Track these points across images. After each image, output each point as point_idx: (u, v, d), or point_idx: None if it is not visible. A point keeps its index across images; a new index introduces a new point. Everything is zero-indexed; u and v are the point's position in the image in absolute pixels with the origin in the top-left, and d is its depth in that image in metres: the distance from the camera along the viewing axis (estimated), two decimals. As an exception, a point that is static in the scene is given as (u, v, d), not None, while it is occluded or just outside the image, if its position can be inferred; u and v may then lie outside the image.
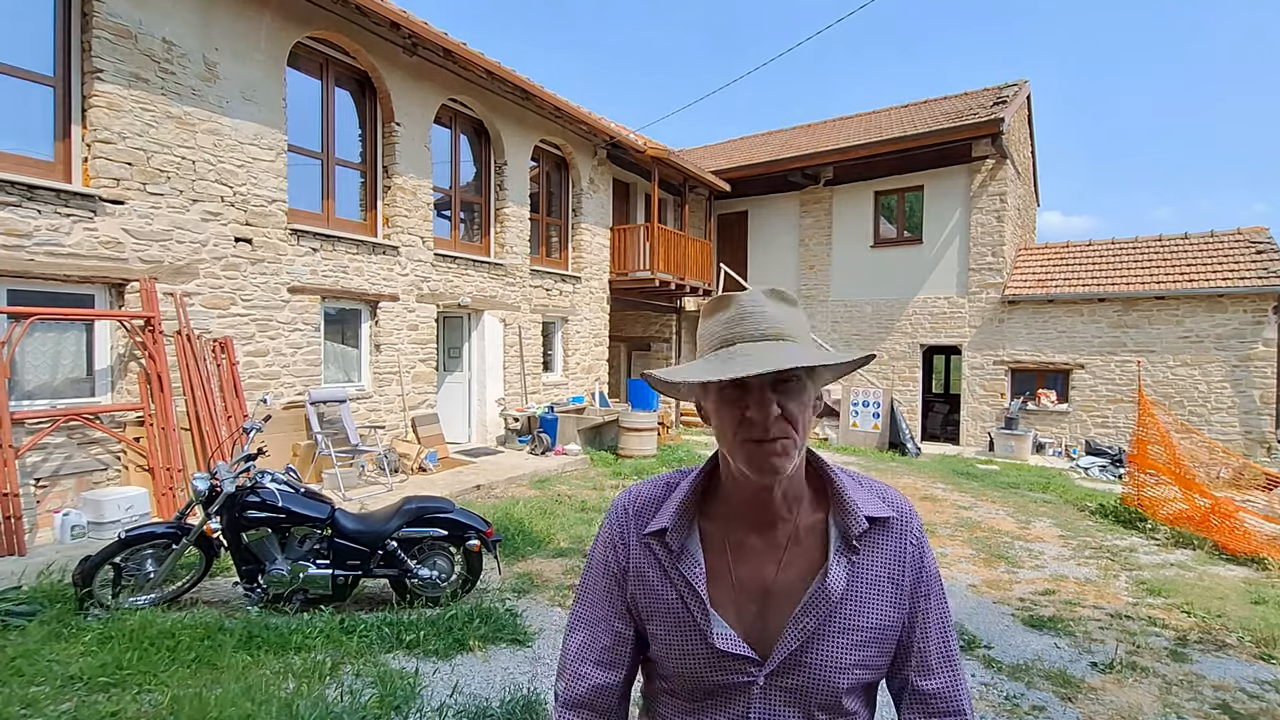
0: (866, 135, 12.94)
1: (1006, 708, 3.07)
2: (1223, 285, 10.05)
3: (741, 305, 0.84)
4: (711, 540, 0.90)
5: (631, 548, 0.93)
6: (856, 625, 0.85)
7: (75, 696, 2.69)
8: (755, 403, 0.78)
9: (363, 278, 7.44)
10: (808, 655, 0.83)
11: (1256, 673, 3.49)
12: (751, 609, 0.86)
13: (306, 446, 6.54)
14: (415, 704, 2.82)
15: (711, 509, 0.92)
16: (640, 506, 0.95)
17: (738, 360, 0.77)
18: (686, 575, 0.87)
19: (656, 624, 0.90)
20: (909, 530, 0.92)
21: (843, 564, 0.86)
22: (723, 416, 0.81)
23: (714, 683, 0.85)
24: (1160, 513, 6.59)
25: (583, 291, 11.17)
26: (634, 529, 0.94)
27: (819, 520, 0.89)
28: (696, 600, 0.86)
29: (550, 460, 8.28)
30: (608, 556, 0.96)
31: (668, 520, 0.90)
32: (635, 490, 0.99)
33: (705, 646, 0.85)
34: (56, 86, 5.16)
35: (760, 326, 0.81)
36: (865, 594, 0.87)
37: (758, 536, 0.88)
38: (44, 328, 5.09)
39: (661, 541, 0.90)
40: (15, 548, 4.37)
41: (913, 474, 8.90)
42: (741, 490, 0.87)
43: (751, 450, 0.79)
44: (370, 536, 3.77)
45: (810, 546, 0.88)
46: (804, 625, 0.83)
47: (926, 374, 13.84)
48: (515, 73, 8.63)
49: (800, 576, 0.86)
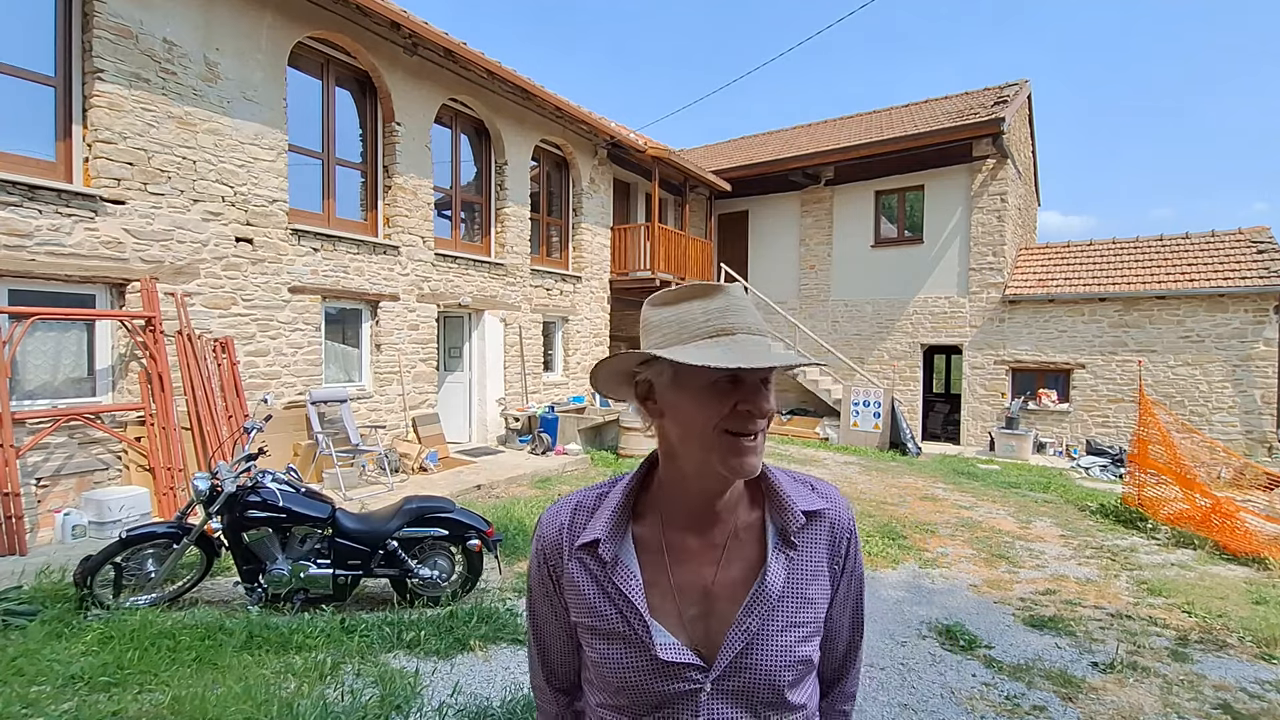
0: (867, 135, 12.94)
1: (1007, 708, 3.06)
2: (1224, 285, 10.04)
3: (733, 296, 0.82)
4: (647, 546, 0.87)
5: (565, 561, 0.89)
6: (797, 621, 0.85)
7: (76, 696, 2.69)
8: (751, 395, 0.77)
9: (363, 277, 7.44)
10: (752, 656, 0.82)
11: (1257, 673, 3.48)
12: (692, 612, 0.84)
13: (307, 446, 6.54)
14: (416, 704, 2.82)
15: (646, 513, 0.89)
16: (570, 518, 0.92)
17: (752, 351, 0.75)
18: (622, 588, 0.84)
19: (595, 639, 0.86)
20: (840, 520, 0.92)
21: (781, 561, 0.86)
22: (706, 408, 0.78)
23: (660, 694, 0.82)
24: (1161, 513, 6.58)
25: (583, 291, 11.17)
26: (566, 541, 0.90)
27: (756, 519, 0.89)
28: (634, 613, 0.83)
29: (551, 460, 8.28)
30: (542, 573, 0.92)
31: (600, 531, 0.86)
32: (565, 501, 0.95)
33: (648, 659, 0.82)
34: (57, 86, 5.16)
35: (752, 320, 0.81)
36: (803, 588, 0.87)
37: (695, 538, 0.86)
38: (45, 327, 5.09)
39: (594, 554, 0.86)
40: (16, 547, 4.38)
41: (913, 474, 8.90)
42: (688, 491, 0.85)
43: (731, 445, 0.78)
44: (371, 536, 3.77)
45: (748, 545, 0.87)
46: (747, 626, 0.82)
47: (927, 374, 13.83)
48: (516, 72, 8.63)
49: (740, 576, 0.85)
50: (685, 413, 0.80)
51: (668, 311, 0.82)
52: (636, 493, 0.91)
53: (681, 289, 0.83)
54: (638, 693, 0.83)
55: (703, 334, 0.79)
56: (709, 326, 0.79)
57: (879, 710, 3.02)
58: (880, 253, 13.17)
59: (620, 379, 0.88)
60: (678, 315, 0.81)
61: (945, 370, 16.82)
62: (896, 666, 3.45)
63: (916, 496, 7.47)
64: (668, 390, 0.81)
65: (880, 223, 13.31)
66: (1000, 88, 13.20)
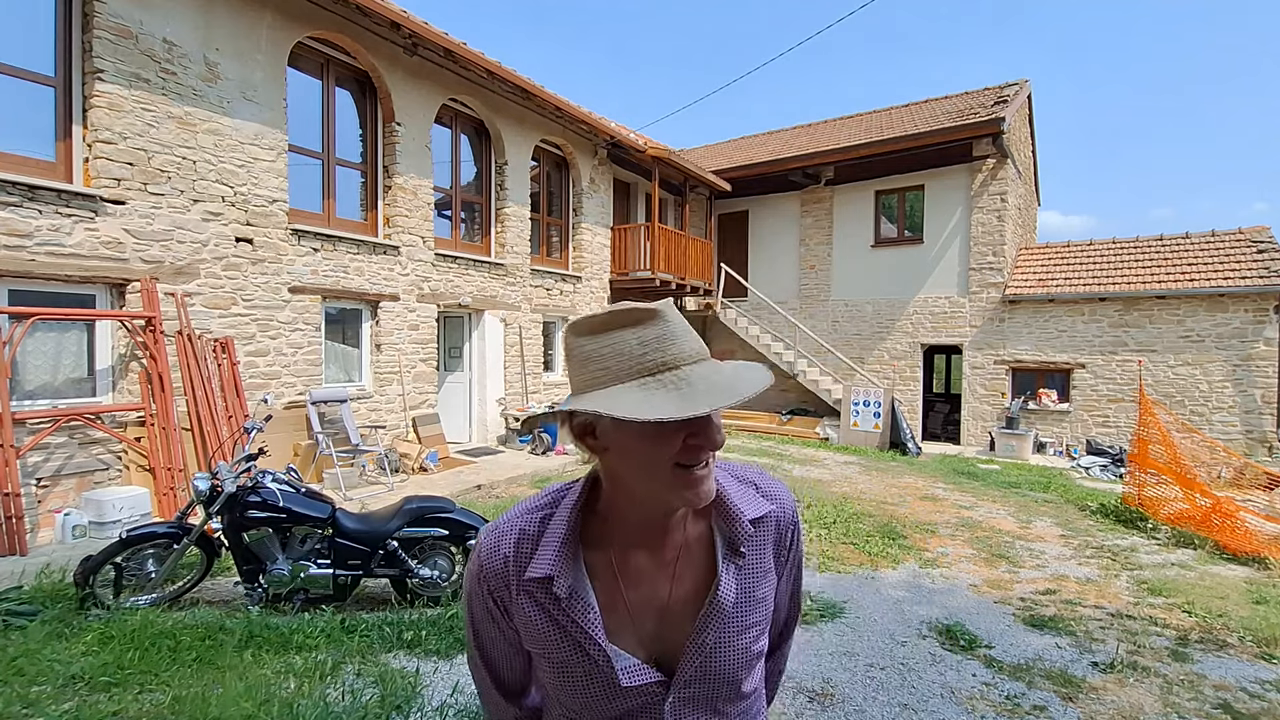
0: (867, 135, 12.93)
1: (1007, 707, 3.06)
2: (1224, 285, 10.04)
3: (669, 320, 0.75)
4: (598, 570, 0.84)
5: (513, 594, 0.84)
6: (749, 623, 0.86)
7: (76, 696, 2.70)
8: (701, 430, 0.74)
9: (363, 277, 7.44)
10: (710, 665, 0.83)
11: (1258, 672, 3.48)
12: (648, 628, 0.84)
13: (307, 446, 6.54)
14: (416, 703, 2.82)
15: (594, 536, 0.85)
16: (515, 547, 0.85)
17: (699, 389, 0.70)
18: (580, 621, 0.81)
19: (553, 670, 0.84)
20: (784, 516, 0.92)
21: (731, 572, 0.85)
22: (655, 446, 0.73)
23: (624, 709, 0.83)
24: (1161, 512, 6.58)
25: (583, 291, 11.17)
26: (513, 574, 0.84)
27: (704, 529, 0.87)
28: (595, 645, 0.81)
29: (551, 460, 8.28)
30: (487, 602, 0.87)
31: (550, 566, 0.80)
32: (504, 527, 0.87)
33: (610, 686, 0.81)
34: (57, 87, 5.17)
35: (692, 345, 0.75)
36: (753, 591, 0.87)
37: (646, 556, 0.84)
38: (45, 328, 5.09)
39: (546, 590, 0.82)
40: (17, 547, 4.38)
41: (914, 474, 8.90)
42: (640, 515, 0.83)
43: (684, 478, 0.75)
44: (371, 536, 3.77)
45: (698, 557, 0.86)
46: (703, 641, 0.82)
47: (927, 374, 13.83)
48: (516, 72, 8.63)
49: (693, 589, 0.85)
50: (631, 450, 0.76)
51: (597, 342, 0.75)
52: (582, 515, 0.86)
53: (609, 314, 0.75)
54: (601, 711, 0.83)
55: (643, 370, 0.73)
56: (648, 361, 0.73)
57: (879, 710, 3.02)
58: (880, 253, 13.17)
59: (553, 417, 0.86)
60: (612, 348, 0.74)
61: (945, 370, 16.81)
62: (896, 666, 3.45)
63: (916, 496, 7.47)
64: (611, 430, 0.76)
65: (880, 223, 13.30)
66: (1000, 88, 13.20)
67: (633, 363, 0.73)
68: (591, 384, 0.75)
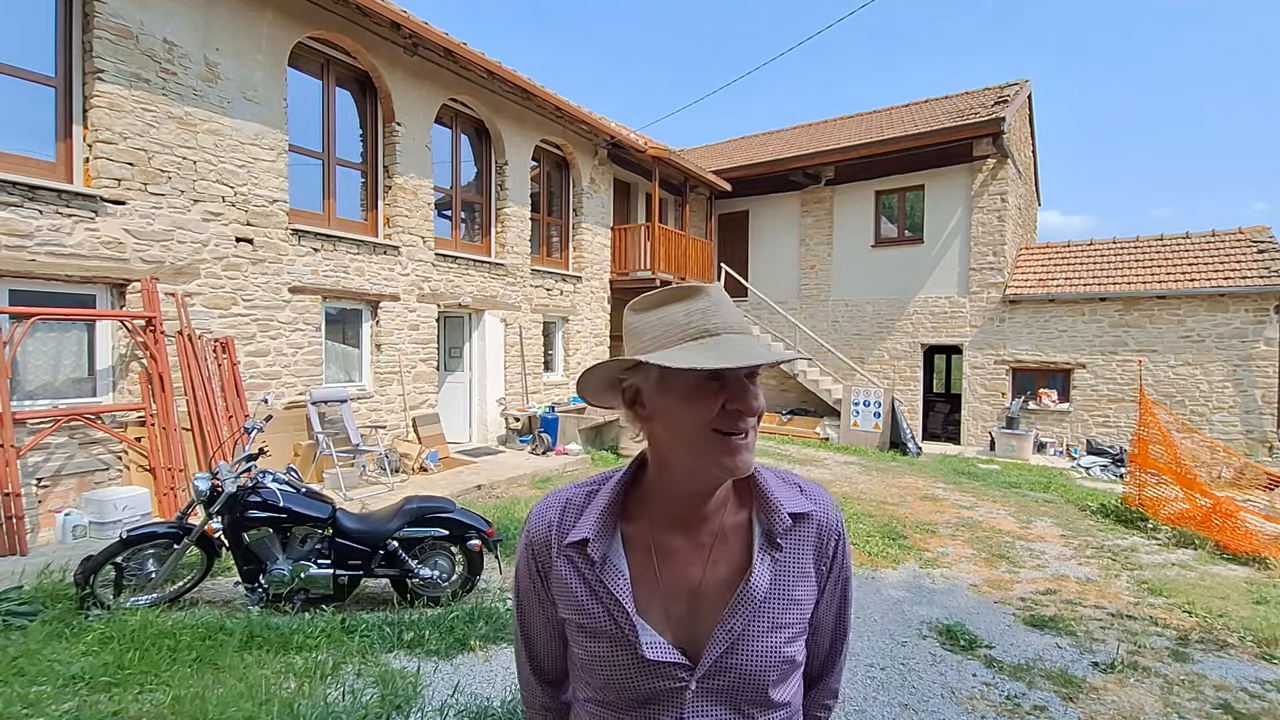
0: (867, 135, 12.94)
1: (1008, 707, 3.06)
2: (1224, 285, 10.03)
3: (713, 296, 0.82)
4: (635, 544, 0.88)
5: (553, 558, 0.90)
6: (782, 622, 0.86)
7: (77, 696, 2.70)
8: (738, 395, 0.78)
9: (364, 278, 7.44)
10: (736, 656, 0.83)
11: (1258, 673, 3.48)
12: (679, 610, 0.85)
13: (308, 446, 6.54)
14: (416, 704, 2.82)
15: (635, 512, 0.89)
16: (560, 514, 0.92)
17: (737, 348, 0.76)
18: (610, 587, 0.85)
19: (582, 636, 0.87)
20: (828, 523, 0.93)
21: (766, 562, 0.86)
22: (694, 409, 0.78)
23: (645, 691, 0.84)
24: (1161, 512, 6.58)
25: (583, 291, 11.17)
26: (555, 539, 0.90)
27: (743, 519, 0.89)
28: (622, 613, 0.84)
29: (551, 460, 8.28)
30: (530, 568, 0.93)
31: (588, 530, 0.86)
32: (555, 497, 0.95)
33: (634, 657, 0.83)
34: (58, 87, 5.17)
35: (735, 318, 0.81)
36: (789, 590, 0.88)
37: (683, 537, 0.87)
38: (45, 328, 5.09)
39: (582, 553, 0.87)
40: (17, 547, 4.38)
41: (914, 474, 8.90)
42: (677, 492, 0.86)
43: (723, 444, 0.78)
44: (371, 536, 3.77)
45: (735, 545, 0.88)
46: (731, 627, 0.83)
47: (927, 374, 13.83)
48: (516, 72, 8.63)
49: (726, 576, 0.86)
50: (674, 415, 0.80)
51: (650, 316, 0.82)
52: (626, 491, 0.91)
53: (662, 292, 0.83)
54: (624, 689, 0.84)
55: (686, 336, 0.79)
56: (692, 328, 0.79)
57: (879, 710, 3.02)
58: (880, 253, 13.17)
59: (606, 386, 0.88)
60: (661, 319, 0.81)
61: (945, 370, 16.81)
62: (897, 666, 3.45)
63: (917, 496, 7.47)
64: (655, 394, 0.82)
65: (880, 223, 13.31)
66: (1000, 88, 13.20)
67: (678, 330, 0.79)
68: (639, 352, 0.81)
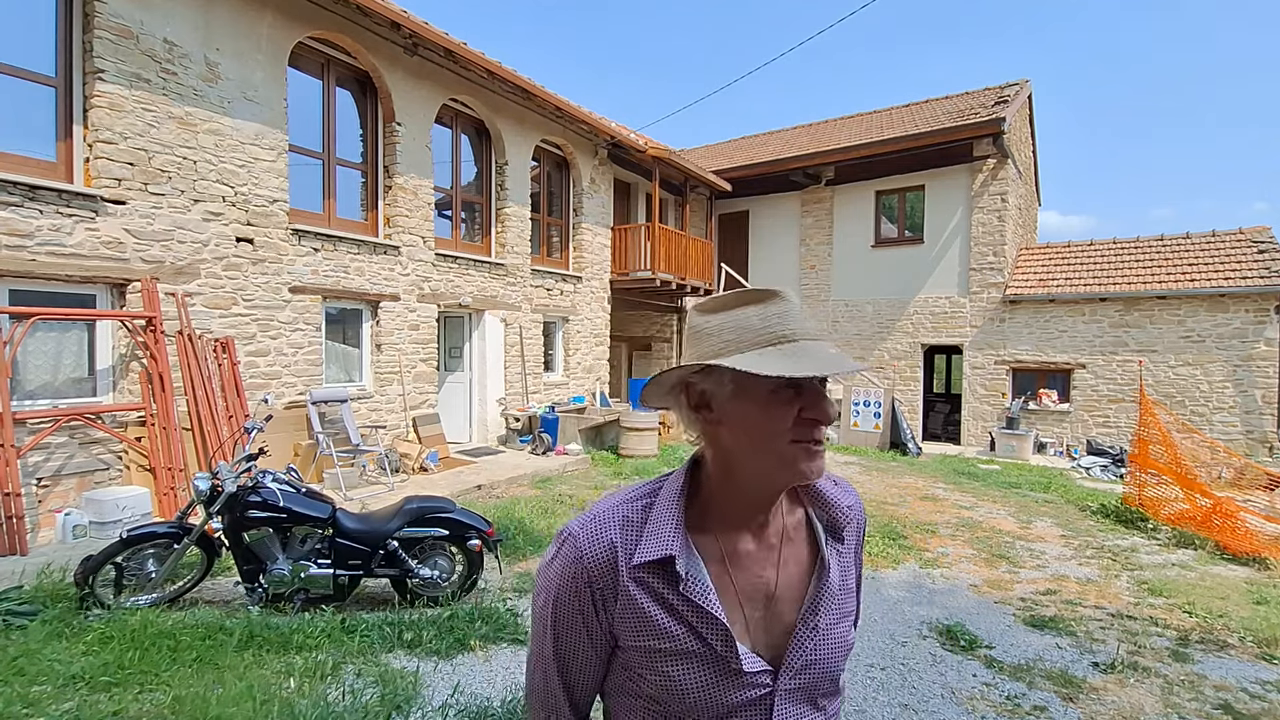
0: (868, 135, 12.93)
1: (1008, 708, 3.06)
2: (1224, 285, 10.03)
3: (790, 301, 0.79)
4: (708, 555, 0.84)
5: (621, 582, 0.82)
6: (845, 610, 0.89)
7: (77, 696, 2.70)
8: (813, 403, 0.77)
9: (364, 278, 7.44)
10: (820, 651, 0.84)
11: (1258, 673, 3.48)
12: (756, 615, 0.83)
13: (308, 446, 6.54)
14: (416, 703, 2.82)
15: (698, 521, 0.85)
16: (621, 533, 0.84)
17: (818, 356, 0.74)
18: (700, 603, 0.79)
19: (658, 661, 0.81)
20: (860, 514, 0.96)
21: (835, 556, 0.88)
22: (772, 417, 0.76)
23: (732, 705, 0.80)
24: (1162, 513, 6.58)
25: (584, 291, 11.17)
26: (622, 560, 0.82)
27: (800, 517, 0.90)
28: (716, 628, 0.79)
29: (551, 460, 8.28)
30: (582, 597, 0.83)
31: (669, 546, 0.80)
32: (605, 515, 0.86)
33: (727, 673, 0.79)
34: (58, 87, 5.17)
35: (812, 323, 0.79)
36: (846, 580, 0.90)
37: (752, 541, 0.85)
38: (46, 328, 5.10)
39: (658, 572, 0.81)
40: (17, 547, 4.38)
41: (914, 474, 8.89)
42: (745, 496, 0.83)
43: (801, 452, 0.77)
44: (371, 536, 3.77)
45: (800, 544, 0.88)
46: (815, 625, 0.84)
47: (928, 374, 13.82)
48: (516, 72, 8.63)
49: (797, 575, 0.86)
50: (752, 422, 0.78)
51: (722, 318, 0.79)
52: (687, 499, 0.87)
53: (733, 294, 0.80)
54: (709, 708, 0.80)
55: (764, 341, 0.76)
56: (769, 333, 0.76)
57: (879, 710, 3.02)
58: (880, 253, 13.17)
59: (670, 389, 0.85)
60: (735, 321, 0.78)
61: (945, 370, 16.81)
62: (897, 666, 3.45)
63: (917, 496, 7.47)
64: (729, 400, 0.79)
65: (880, 223, 13.30)
66: (1000, 88, 13.19)
67: (754, 334, 0.77)
68: (709, 356, 0.78)
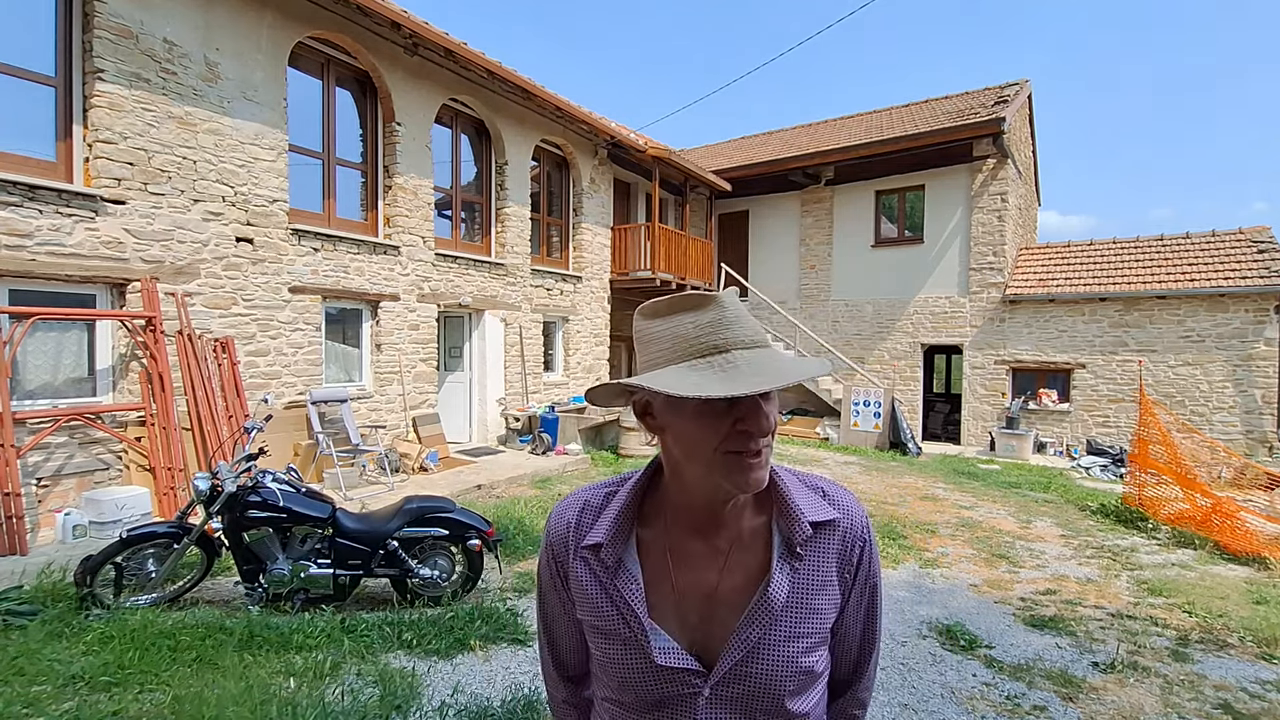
0: (867, 135, 12.94)
1: (1008, 707, 3.06)
2: (1224, 285, 10.04)
3: (725, 307, 0.77)
4: (650, 549, 0.87)
5: (571, 559, 0.90)
6: (800, 632, 0.84)
7: (77, 696, 2.70)
8: (749, 415, 0.74)
9: (364, 277, 7.44)
10: (752, 665, 0.81)
11: (1258, 673, 3.48)
12: (693, 617, 0.84)
13: (308, 446, 6.54)
14: (416, 703, 2.82)
15: (652, 515, 0.88)
16: (578, 515, 0.92)
17: (745, 371, 0.72)
18: (623, 591, 0.84)
19: (598, 637, 0.88)
20: (854, 529, 0.89)
21: (785, 572, 0.84)
22: (703, 428, 0.75)
23: (658, 695, 0.83)
24: (1161, 512, 6.58)
25: (584, 291, 11.17)
26: (573, 540, 0.91)
27: (762, 524, 0.87)
28: (633, 616, 0.83)
29: (551, 460, 8.28)
30: (551, 568, 0.94)
31: (602, 534, 0.86)
32: (575, 497, 0.95)
33: (646, 661, 0.82)
34: (58, 86, 5.16)
35: (748, 332, 0.77)
36: (809, 600, 0.85)
37: (700, 542, 0.85)
38: (45, 327, 5.09)
39: (597, 555, 0.87)
40: (17, 547, 4.38)
41: (914, 474, 8.89)
42: (693, 498, 0.83)
43: (734, 463, 0.75)
44: (371, 536, 3.77)
45: (753, 551, 0.85)
46: (747, 636, 0.81)
47: (927, 374, 13.83)
48: (516, 72, 8.63)
49: (743, 583, 0.84)
50: (684, 433, 0.78)
51: (659, 325, 0.79)
52: (643, 494, 0.90)
53: (673, 299, 0.79)
54: (638, 691, 0.84)
55: (694, 352, 0.75)
56: (701, 344, 0.75)
57: (879, 710, 3.03)
58: (880, 253, 13.17)
59: (617, 393, 0.85)
60: (670, 330, 0.78)
61: (945, 370, 16.81)
62: (897, 666, 3.45)
63: (917, 496, 7.47)
64: (664, 410, 0.79)
65: (880, 223, 13.31)
66: (1000, 88, 13.20)
67: (687, 345, 0.76)
68: (649, 364, 0.79)
